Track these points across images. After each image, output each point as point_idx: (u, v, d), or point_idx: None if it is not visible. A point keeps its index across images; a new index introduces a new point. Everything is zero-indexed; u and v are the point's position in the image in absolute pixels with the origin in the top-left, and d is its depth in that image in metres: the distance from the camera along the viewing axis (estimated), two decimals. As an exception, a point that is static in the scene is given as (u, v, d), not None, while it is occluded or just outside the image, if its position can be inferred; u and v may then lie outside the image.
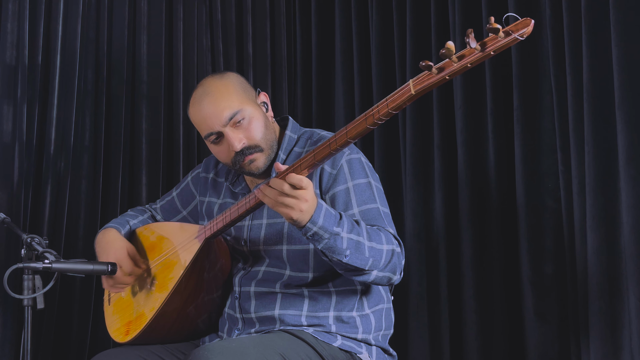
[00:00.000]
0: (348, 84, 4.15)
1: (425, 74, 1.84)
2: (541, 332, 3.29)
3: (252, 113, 2.47)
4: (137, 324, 2.59)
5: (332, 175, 2.44)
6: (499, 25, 1.68)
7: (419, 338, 3.67)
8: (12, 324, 3.59)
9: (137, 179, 4.11)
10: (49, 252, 2.40)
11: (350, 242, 2.21)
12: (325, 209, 2.17)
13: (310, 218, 2.15)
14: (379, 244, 2.29)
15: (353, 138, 2.04)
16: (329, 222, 2.17)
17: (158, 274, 2.61)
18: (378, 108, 1.95)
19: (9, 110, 3.69)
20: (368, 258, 2.25)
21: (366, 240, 2.25)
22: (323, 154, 2.09)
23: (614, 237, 3.03)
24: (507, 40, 1.69)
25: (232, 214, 2.36)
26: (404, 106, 1.90)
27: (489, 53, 1.73)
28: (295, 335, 2.40)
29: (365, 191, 2.44)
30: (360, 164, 2.48)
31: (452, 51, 1.76)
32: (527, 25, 1.67)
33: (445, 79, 1.80)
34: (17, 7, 3.71)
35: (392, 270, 2.33)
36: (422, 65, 1.79)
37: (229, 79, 2.52)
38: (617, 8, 2.98)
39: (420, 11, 3.80)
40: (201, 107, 2.47)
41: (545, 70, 3.33)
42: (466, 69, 1.76)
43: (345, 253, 2.21)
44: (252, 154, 2.46)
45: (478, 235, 3.51)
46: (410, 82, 1.87)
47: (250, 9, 4.42)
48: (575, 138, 3.15)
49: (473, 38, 1.72)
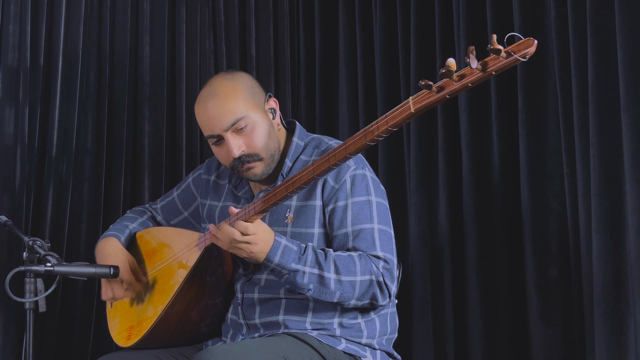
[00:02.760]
0: (352, 87, 4.14)
1: (425, 93, 1.83)
2: (546, 335, 3.28)
3: (257, 120, 2.45)
4: (139, 329, 2.58)
5: (334, 189, 2.44)
6: (501, 47, 1.66)
7: (423, 342, 3.66)
8: (14, 328, 3.58)
9: (139, 182, 4.10)
10: (51, 255, 2.39)
11: (312, 277, 2.31)
12: (283, 247, 2.30)
13: (266, 257, 2.30)
14: (351, 276, 2.33)
15: (352, 153, 2.05)
16: (287, 260, 2.29)
17: (160, 278, 2.60)
18: (377, 125, 1.96)
19: (10, 113, 3.67)
20: (334, 292, 2.33)
21: (333, 274, 2.32)
22: (322, 168, 2.12)
23: (620, 240, 3.02)
24: (509, 60, 1.68)
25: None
26: (404, 123, 1.91)
27: (490, 73, 1.72)
28: (299, 339, 2.39)
29: (363, 210, 2.43)
30: (364, 180, 2.46)
31: (452, 71, 1.74)
32: (530, 46, 1.65)
33: (445, 97, 1.80)
34: (18, 8, 3.70)
35: (372, 298, 2.39)
36: (422, 84, 1.78)
37: (238, 81, 2.48)
38: (623, 9, 2.97)
39: (424, 13, 3.79)
40: (206, 107, 2.45)
41: (550, 72, 3.31)
42: (467, 88, 1.76)
43: (308, 287, 2.32)
44: (250, 162, 2.45)
45: (482, 238, 3.50)
46: (410, 99, 1.86)
47: (254, 10, 4.41)
48: (580, 140, 3.14)
49: (474, 57, 1.70)
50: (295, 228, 2.45)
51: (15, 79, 3.69)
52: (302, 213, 2.45)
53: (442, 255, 3.65)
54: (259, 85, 2.55)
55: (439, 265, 3.67)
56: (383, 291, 2.38)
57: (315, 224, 2.44)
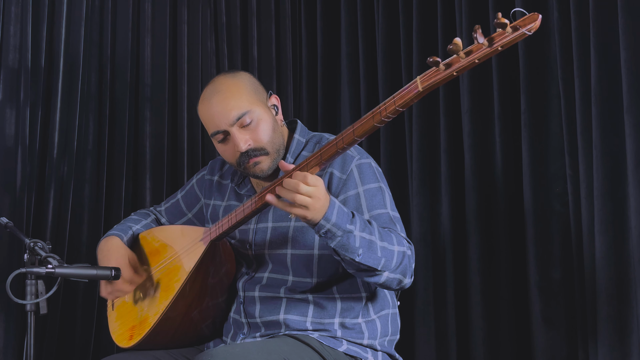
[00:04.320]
0: (354, 87, 4.13)
1: (433, 71, 1.83)
2: (549, 337, 3.28)
3: (261, 115, 2.45)
4: (141, 329, 2.58)
5: (341, 180, 2.43)
6: (507, 20, 1.67)
7: (425, 343, 3.66)
8: (15, 330, 3.58)
9: (141, 183, 4.10)
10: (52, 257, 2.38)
11: (363, 241, 2.20)
12: (337, 207, 2.17)
13: (324, 215, 2.14)
14: (391, 245, 2.27)
15: (360, 136, 2.02)
16: (342, 220, 2.17)
17: (162, 278, 2.59)
18: (385, 105, 1.94)
19: (11, 114, 3.67)
20: (380, 258, 2.24)
21: (378, 240, 2.24)
22: (330, 153, 2.09)
23: (622, 242, 3.02)
24: (515, 35, 1.69)
25: (237, 215, 2.34)
26: (412, 103, 1.89)
27: (496, 48, 1.72)
28: (300, 340, 2.39)
29: (376, 196, 2.42)
30: (370, 168, 2.46)
31: (459, 47, 1.74)
32: (535, 20, 1.68)
33: (453, 75, 1.79)
34: (20, 9, 3.69)
35: (402, 273, 2.32)
36: (430, 61, 1.78)
37: (240, 79, 2.49)
38: (626, 11, 2.97)
39: (426, 14, 3.79)
40: (210, 104, 2.45)
41: (553, 74, 3.31)
42: (474, 64, 1.75)
43: (358, 252, 2.19)
44: (257, 157, 2.44)
45: (485, 240, 3.50)
46: (418, 78, 1.86)
47: (256, 11, 4.41)
48: (583, 142, 3.13)
49: (481, 34, 1.71)
50: (299, 222, 2.44)
51: (16, 80, 3.68)
52: None
53: (445, 257, 3.65)
54: (260, 83, 2.56)
55: (441, 266, 3.67)
56: (411, 268, 2.34)
57: None
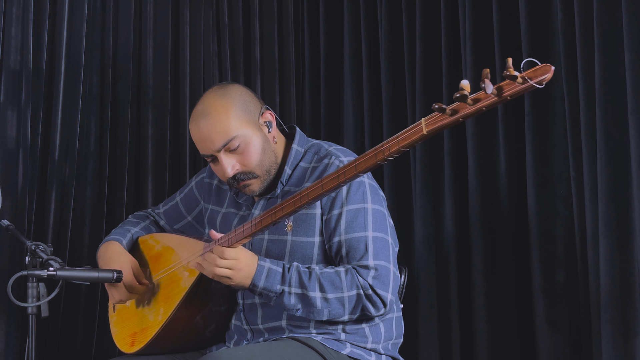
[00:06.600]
0: (357, 89, 4.13)
1: (438, 115, 1.78)
2: (552, 340, 3.27)
3: (249, 138, 2.43)
4: (143, 337, 2.57)
5: (330, 197, 2.42)
6: (517, 73, 1.62)
7: (429, 347, 3.65)
8: (16, 333, 3.57)
9: (143, 185, 4.09)
10: (54, 260, 2.38)
11: (297, 297, 2.33)
12: (266, 270, 2.31)
13: (251, 281, 2.32)
14: (338, 293, 2.33)
15: (362, 172, 2.01)
16: (271, 283, 2.31)
17: (165, 285, 2.58)
18: (389, 145, 1.91)
19: (13, 116, 3.66)
20: (321, 310, 2.34)
21: (318, 292, 2.32)
22: (331, 186, 2.07)
23: (627, 245, 3.01)
24: (525, 86, 1.62)
25: (237, 236, 2.30)
26: (415, 145, 1.86)
27: (505, 98, 1.66)
28: (304, 343, 2.39)
29: (357, 218, 2.41)
30: (360, 187, 2.44)
31: (466, 95, 1.68)
32: (547, 72, 1.59)
33: (458, 121, 1.75)
34: (21, 11, 3.68)
35: (364, 311, 2.38)
36: (435, 107, 1.72)
37: (230, 98, 2.46)
38: (630, 11, 2.96)
39: (430, 15, 3.77)
40: (198, 127, 2.45)
41: (557, 75, 3.30)
42: (481, 112, 1.70)
43: (296, 307, 2.35)
44: (246, 180, 2.46)
45: (489, 243, 3.49)
46: (423, 121, 1.81)
47: (258, 12, 4.40)
48: (587, 144, 3.12)
49: (489, 82, 1.65)
50: (295, 237, 2.44)
51: (17, 81, 3.67)
52: (302, 221, 2.44)
53: (448, 260, 3.64)
54: (254, 97, 2.53)
55: (444, 269, 3.66)
56: (375, 303, 2.36)
57: (316, 233, 2.43)
